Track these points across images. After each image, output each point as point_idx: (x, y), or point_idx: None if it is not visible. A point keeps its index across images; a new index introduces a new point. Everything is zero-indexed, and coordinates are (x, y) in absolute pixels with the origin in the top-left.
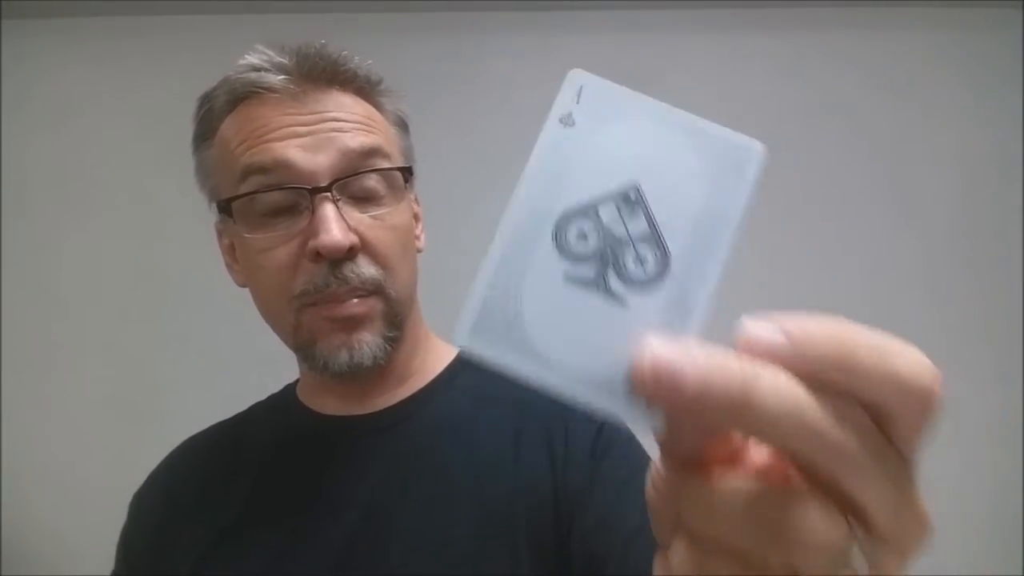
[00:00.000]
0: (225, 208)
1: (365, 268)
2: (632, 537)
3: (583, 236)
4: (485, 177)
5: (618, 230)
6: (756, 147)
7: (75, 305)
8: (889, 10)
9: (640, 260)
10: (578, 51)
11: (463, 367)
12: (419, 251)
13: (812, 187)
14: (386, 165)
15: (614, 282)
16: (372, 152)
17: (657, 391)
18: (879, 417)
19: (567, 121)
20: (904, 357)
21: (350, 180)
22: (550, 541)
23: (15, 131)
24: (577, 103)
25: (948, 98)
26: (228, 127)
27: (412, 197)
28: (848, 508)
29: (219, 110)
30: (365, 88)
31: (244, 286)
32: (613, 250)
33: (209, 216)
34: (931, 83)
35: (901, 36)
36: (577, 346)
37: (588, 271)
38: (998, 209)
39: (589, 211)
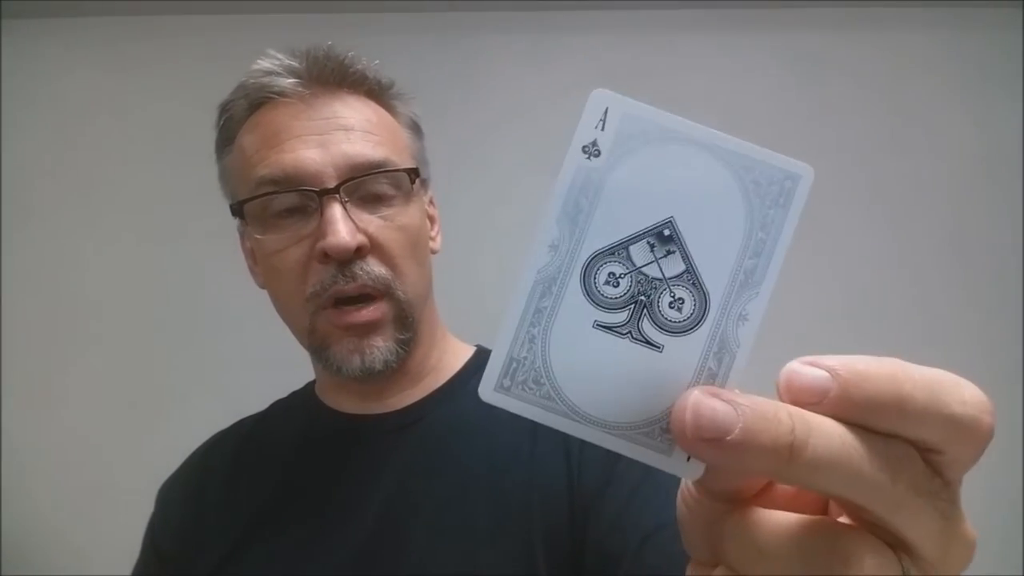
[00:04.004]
0: (238, 211)
1: (374, 267)
2: (646, 538)
3: (613, 280)
4: (486, 178)
5: (652, 271)
6: (805, 173)
7: (76, 306)
8: (889, 10)
9: (676, 303)
10: (578, 51)
11: (480, 366)
12: (434, 252)
13: (811, 187)
14: (393, 167)
15: (648, 328)
16: (379, 156)
17: (699, 445)
18: (928, 452)
19: (591, 151)
20: (958, 395)
21: (358, 183)
22: (565, 539)
23: (16, 131)
24: (601, 129)
25: (948, 98)
26: (245, 134)
27: (426, 199)
28: (895, 541)
29: (238, 118)
30: (375, 91)
31: (264, 288)
32: (647, 293)
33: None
34: (931, 83)
35: (901, 36)
36: (610, 397)
37: (620, 317)
38: (998, 209)
39: (619, 252)
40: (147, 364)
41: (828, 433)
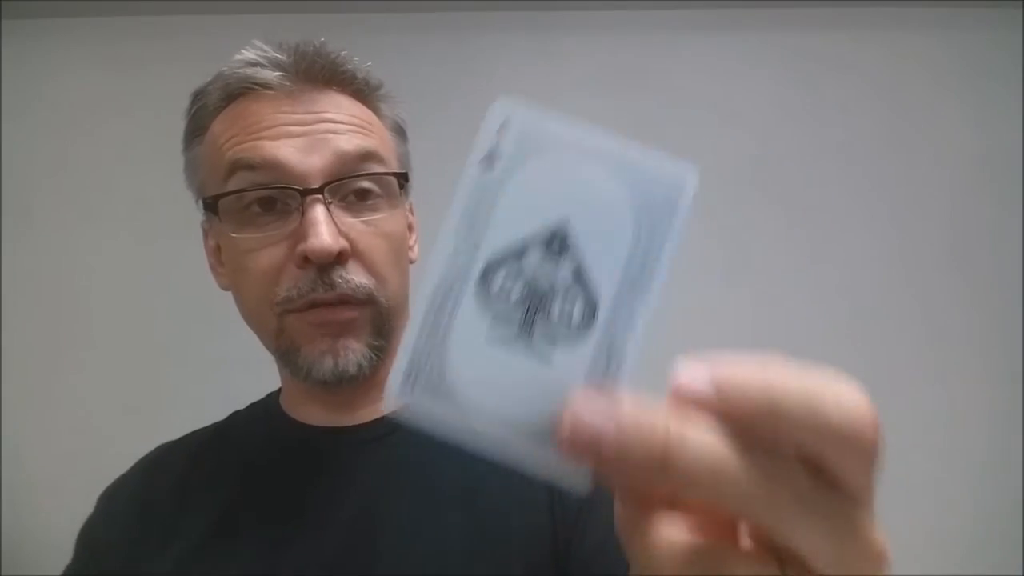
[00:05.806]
0: (211, 206)
1: (355, 275)
2: None
3: (506, 288)
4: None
5: (543, 278)
6: (687, 176)
7: (77, 307)
8: (888, 10)
9: (566, 311)
10: (577, 51)
11: None
12: (412, 262)
13: (811, 187)
14: (382, 170)
15: (539, 336)
16: (368, 156)
17: (578, 452)
18: (816, 465)
19: (489, 160)
20: (836, 403)
21: (343, 183)
22: (546, 560)
23: (16, 131)
24: (501, 139)
25: (948, 98)
26: (219, 123)
27: (407, 206)
28: (787, 555)
29: (213, 107)
30: (363, 91)
31: (227, 289)
32: (538, 301)
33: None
34: (931, 83)
35: (901, 36)
36: (505, 407)
37: (512, 327)
38: (998, 209)
39: (511, 260)
40: (147, 364)
41: (702, 443)
